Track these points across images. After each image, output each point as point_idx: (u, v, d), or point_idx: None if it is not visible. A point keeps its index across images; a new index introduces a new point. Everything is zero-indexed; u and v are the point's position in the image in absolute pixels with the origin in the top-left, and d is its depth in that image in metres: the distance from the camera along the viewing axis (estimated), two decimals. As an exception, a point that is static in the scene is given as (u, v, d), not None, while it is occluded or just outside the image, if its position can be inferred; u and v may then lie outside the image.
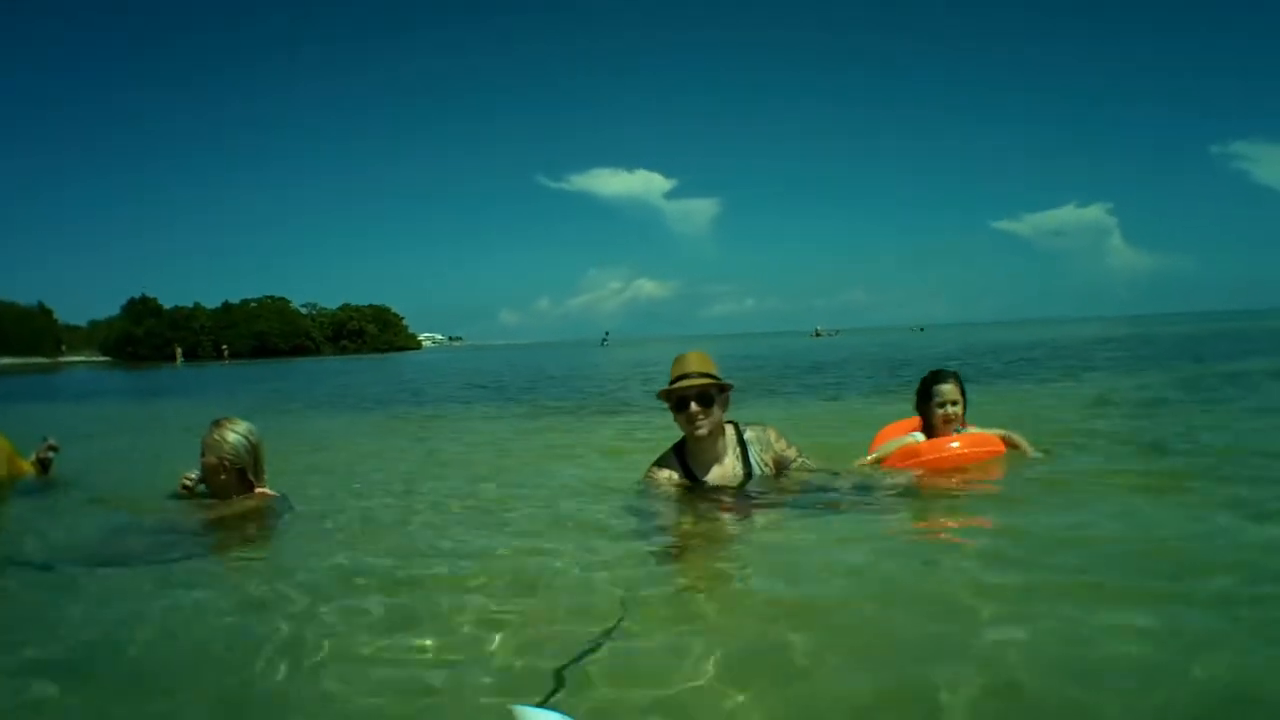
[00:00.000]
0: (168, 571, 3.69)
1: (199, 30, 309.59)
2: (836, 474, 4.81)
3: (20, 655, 2.75)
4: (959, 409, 5.02)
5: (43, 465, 6.11)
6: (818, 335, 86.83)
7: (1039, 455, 5.23)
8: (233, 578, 3.72)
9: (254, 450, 4.74)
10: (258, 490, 4.73)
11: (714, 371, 4.52)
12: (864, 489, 4.63)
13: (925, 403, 5.09)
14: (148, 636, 2.90)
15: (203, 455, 4.66)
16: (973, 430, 5.09)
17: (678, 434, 4.65)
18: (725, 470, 4.58)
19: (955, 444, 4.95)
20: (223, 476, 4.64)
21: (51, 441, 6.17)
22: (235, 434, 4.68)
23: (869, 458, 5.18)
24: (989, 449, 5.03)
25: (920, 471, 4.87)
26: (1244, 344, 21.13)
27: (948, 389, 5.02)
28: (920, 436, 5.11)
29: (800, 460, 4.70)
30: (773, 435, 4.72)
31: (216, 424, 4.72)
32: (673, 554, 3.72)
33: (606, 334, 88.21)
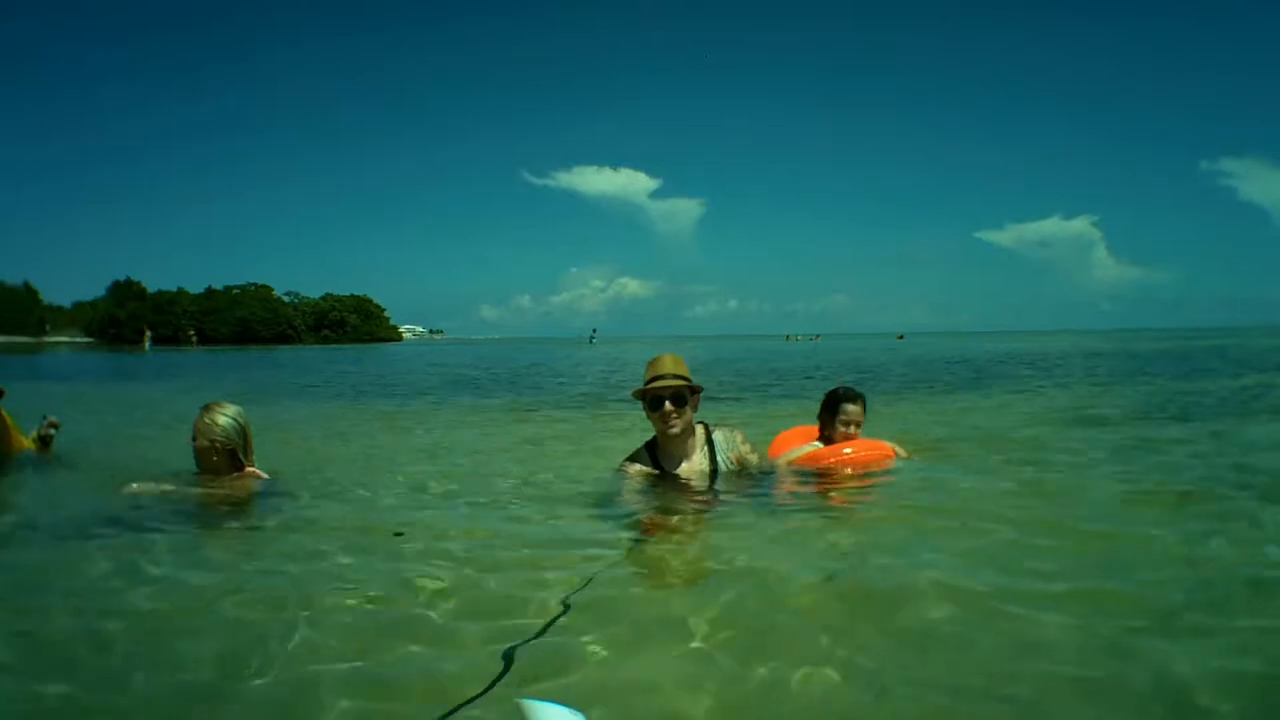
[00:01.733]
0: (164, 546, 3.89)
1: (189, 21, 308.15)
2: (790, 474, 5.16)
3: (17, 622, 2.93)
4: (859, 429, 5.39)
5: (44, 442, 6.28)
6: (797, 340, 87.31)
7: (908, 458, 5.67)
8: (226, 551, 3.95)
9: (243, 432, 4.99)
10: (247, 469, 4.98)
11: (686, 374, 4.79)
12: (820, 487, 4.97)
13: (831, 416, 5.41)
14: (144, 607, 3.10)
15: (194, 439, 4.89)
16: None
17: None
18: (693, 466, 4.85)
19: (848, 449, 5.30)
20: (215, 458, 4.88)
21: (52, 419, 6.35)
22: (225, 417, 4.92)
23: (782, 460, 5.42)
24: (881, 453, 5.42)
25: (849, 471, 5.22)
26: (1218, 361, 21.42)
27: (855, 410, 5.39)
28: (820, 445, 5.43)
29: (761, 464, 5.01)
30: (739, 438, 4.99)
31: (207, 408, 4.95)
32: (634, 541, 3.95)
33: (594, 331, 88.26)
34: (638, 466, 4.86)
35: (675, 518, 4.24)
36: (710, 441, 4.92)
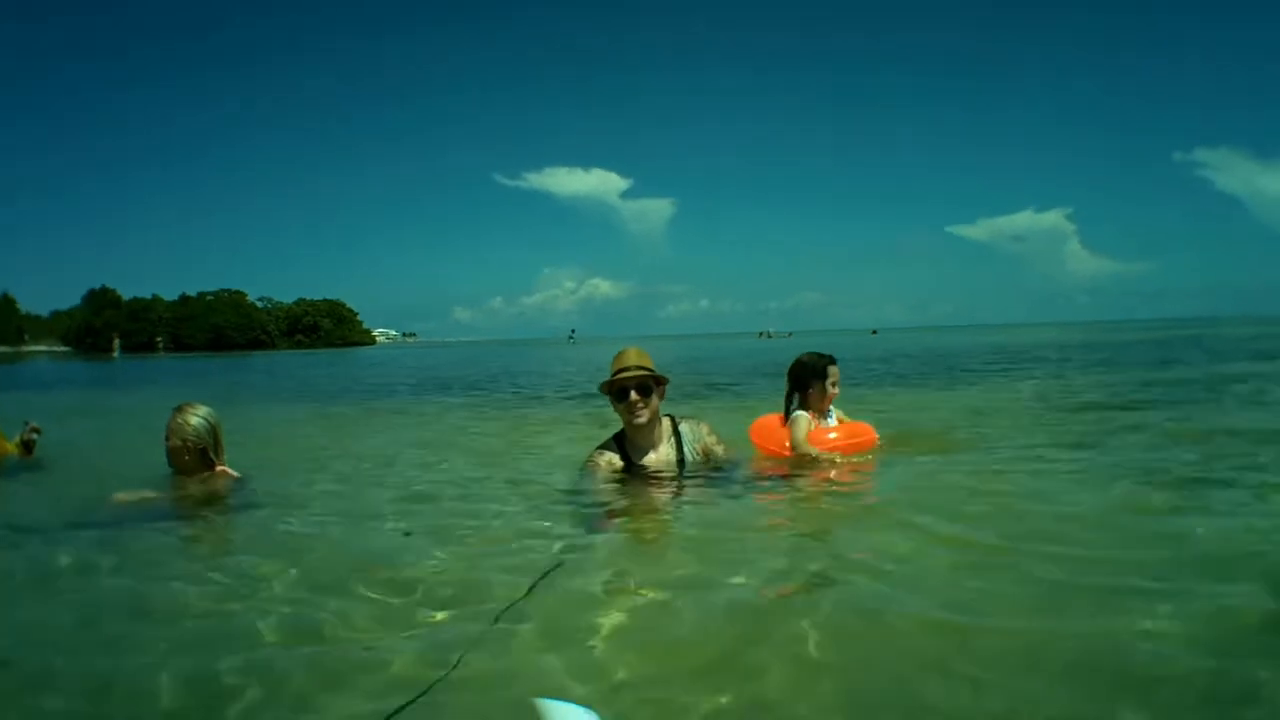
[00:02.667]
0: (140, 543, 3.99)
1: (162, 32, 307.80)
2: (754, 465, 5.24)
3: None
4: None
5: (26, 447, 6.49)
6: (769, 336, 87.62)
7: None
8: (199, 547, 4.03)
9: (214, 432, 5.08)
10: (218, 468, 5.06)
11: (651, 366, 4.89)
12: (784, 478, 5.05)
13: (819, 380, 5.50)
14: (121, 602, 3.17)
15: (167, 439, 4.98)
16: (841, 418, 5.65)
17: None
18: (660, 457, 4.94)
19: (833, 435, 5.45)
20: (187, 457, 4.96)
21: (34, 425, 6.57)
22: (197, 417, 5.01)
23: (802, 445, 5.39)
24: (867, 438, 5.61)
25: (818, 461, 5.29)
26: (1193, 351, 21.68)
27: (836, 370, 5.56)
28: (803, 415, 5.48)
29: (726, 455, 5.08)
30: (705, 429, 5.09)
31: (179, 409, 5.05)
32: (600, 529, 4.01)
33: (573, 331, 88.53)
34: (606, 458, 4.93)
35: (637, 511, 4.30)
36: (677, 433, 5.01)
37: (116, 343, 74.05)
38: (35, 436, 6.53)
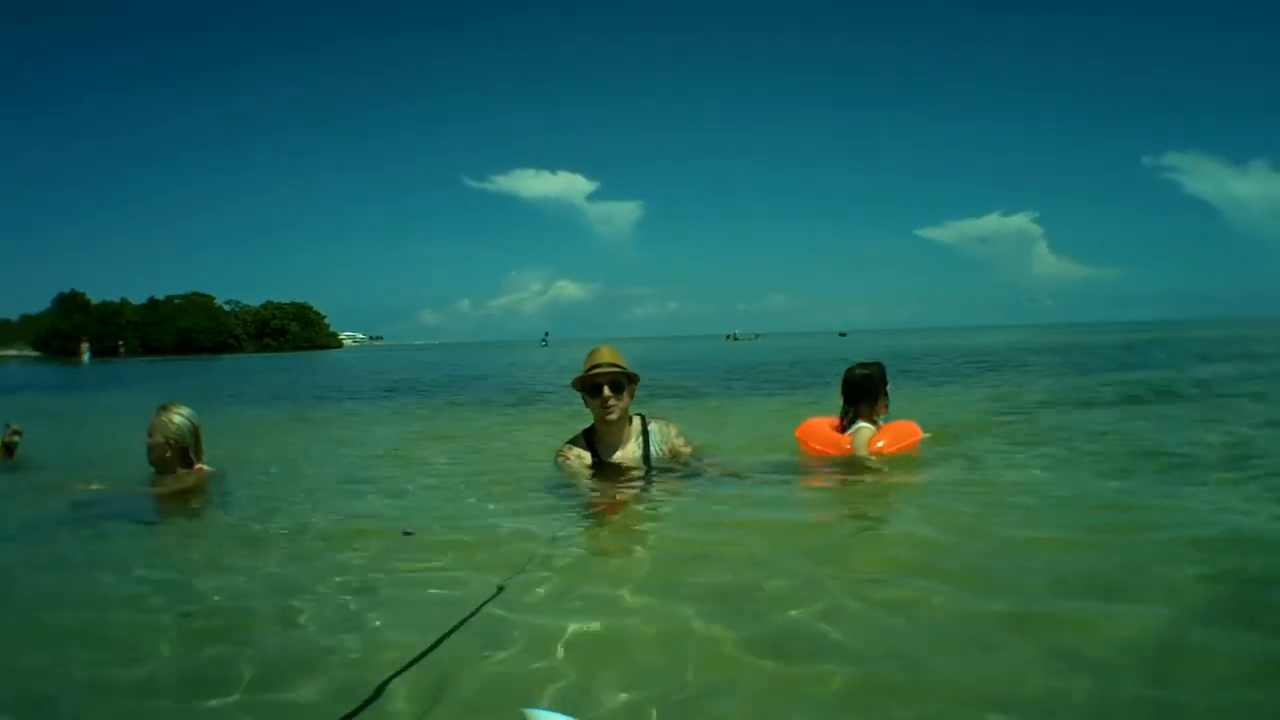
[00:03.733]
0: (120, 538, 4.11)
1: (130, 37, 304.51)
2: (718, 468, 5.27)
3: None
4: None
5: (7, 449, 6.52)
6: (736, 339, 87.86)
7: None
8: (177, 543, 4.13)
9: (195, 432, 5.24)
10: (197, 467, 5.20)
11: (624, 364, 5.04)
12: (741, 481, 5.07)
13: (884, 385, 5.61)
14: (102, 595, 3.27)
15: (150, 435, 5.12)
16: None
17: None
18: (627, 455, 5.08)
19: (881, 443, 5.42)
20: (168, 454, 5.11)
21: (15, 427, 6.63)
22: (180, 416, 5.17)
23: (864, 448, 5.39)
24: (916, 438, 5.69)
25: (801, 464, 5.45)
26: (1152, 354, 22.01)
27: None
28: (869, 426, 5.49)
29: (693, 457, 5.21)
30: (673, 431, 5.22)
31: (164, 408, 5.21)
32: (571, 527, 4.06)
33: (546, 334, 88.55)
34: (575, 452, 5.08)
35: (608, 510, 4.38)
36: (646, 432, 5.14)
37: (86, 347, 72.91)
38: (16, 439, 6.56)
